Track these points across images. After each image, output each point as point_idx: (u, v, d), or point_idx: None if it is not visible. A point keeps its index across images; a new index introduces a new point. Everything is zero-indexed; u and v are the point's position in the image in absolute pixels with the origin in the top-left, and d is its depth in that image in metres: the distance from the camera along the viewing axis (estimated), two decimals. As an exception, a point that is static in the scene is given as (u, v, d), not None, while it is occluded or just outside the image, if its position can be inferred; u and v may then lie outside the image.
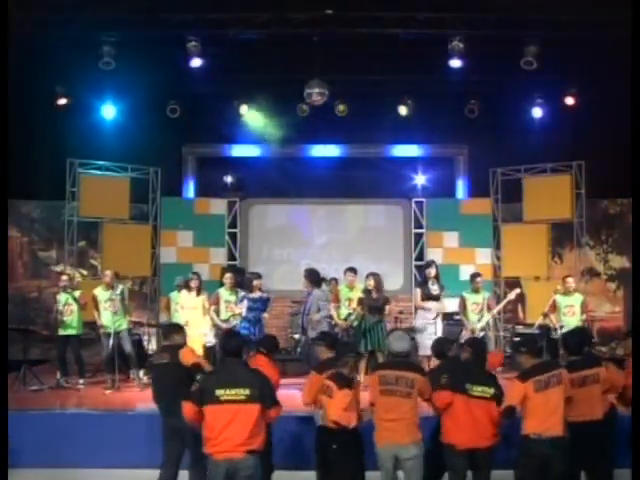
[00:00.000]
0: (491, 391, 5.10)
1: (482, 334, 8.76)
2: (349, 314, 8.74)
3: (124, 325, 9.10)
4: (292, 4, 9.14)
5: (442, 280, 9.25)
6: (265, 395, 4.63)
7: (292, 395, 8.07)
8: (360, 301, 8.73)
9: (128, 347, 9.08)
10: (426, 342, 8.20)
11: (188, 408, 4.63)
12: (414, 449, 4.95)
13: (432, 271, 9.06)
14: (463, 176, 12.67)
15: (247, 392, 4.55)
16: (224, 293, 9.30)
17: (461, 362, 5.44)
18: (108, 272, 9.34)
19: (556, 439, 4.88)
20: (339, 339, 8.10)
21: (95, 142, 11.17)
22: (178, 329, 5.95)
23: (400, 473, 5.13)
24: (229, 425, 4.51)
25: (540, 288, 10.89)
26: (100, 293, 9.19)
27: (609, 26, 8.67)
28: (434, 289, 8.85)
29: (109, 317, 9.03)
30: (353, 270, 9.07)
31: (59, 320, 9.12)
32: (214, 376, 4.88)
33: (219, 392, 4.53)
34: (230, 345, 4.88)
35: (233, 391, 4.54)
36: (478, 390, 5.07)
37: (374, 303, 8.50)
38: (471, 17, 9.25)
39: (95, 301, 9.14)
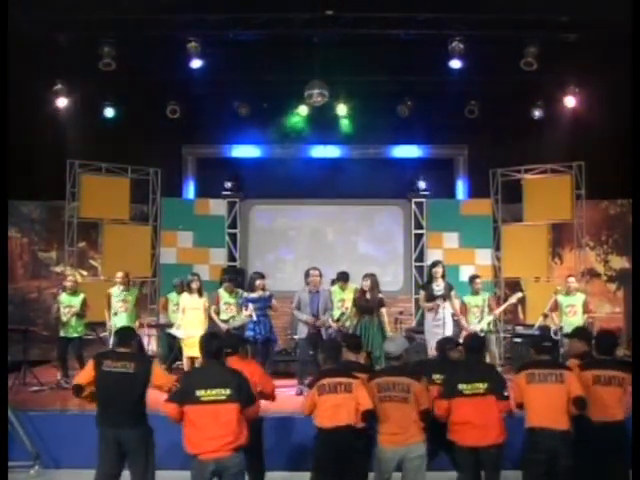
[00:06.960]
0: (484, 386, 5.09)
1: (482, 335, 8.70)
2: (341, 314, 8.72)
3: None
4: (292, 4, 9.13)
5: (448, 279, 8.98)
6: (243, 394, 4.67)
7: (291, 396, 8.09)
8: (353, 302, 8.67)
9: None
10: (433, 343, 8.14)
11: (171, 408, 4.64)
12: (420, 448, 4.98)
13: (439, 270, 8.87)
14: (463, 177, 12.68)
15: (227, 392, 4.60)
16: (224, 294, 9.22)
17: (453, 362, 5.49)
18: (120, 273, 9.40)
19: (560, 433, 4.86)
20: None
21: (95, 143, 11.16)
22: (134, 335, 5.59)
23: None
24: (213, 425, 4.55)
25: (540, 289, 10.89)
26: (115, 293, 9.33)
27: (609, 26, 8.66)
28: (438, 289, 8.78)
29: (119, 317, 9.16)
30: (344, 274, 8.94)
31: (60, 322, 9.11)
32: (195, 377, 4.92)
33: (199, 392, 4.58)
34: (210, 347, 4.86)
35: (214, 391, 4.59)
36: (470, 388, 5.09)
37: (366, 304, 8.46)
38: (471, 17, 9.23)
39: (109, 300, 9.29)
